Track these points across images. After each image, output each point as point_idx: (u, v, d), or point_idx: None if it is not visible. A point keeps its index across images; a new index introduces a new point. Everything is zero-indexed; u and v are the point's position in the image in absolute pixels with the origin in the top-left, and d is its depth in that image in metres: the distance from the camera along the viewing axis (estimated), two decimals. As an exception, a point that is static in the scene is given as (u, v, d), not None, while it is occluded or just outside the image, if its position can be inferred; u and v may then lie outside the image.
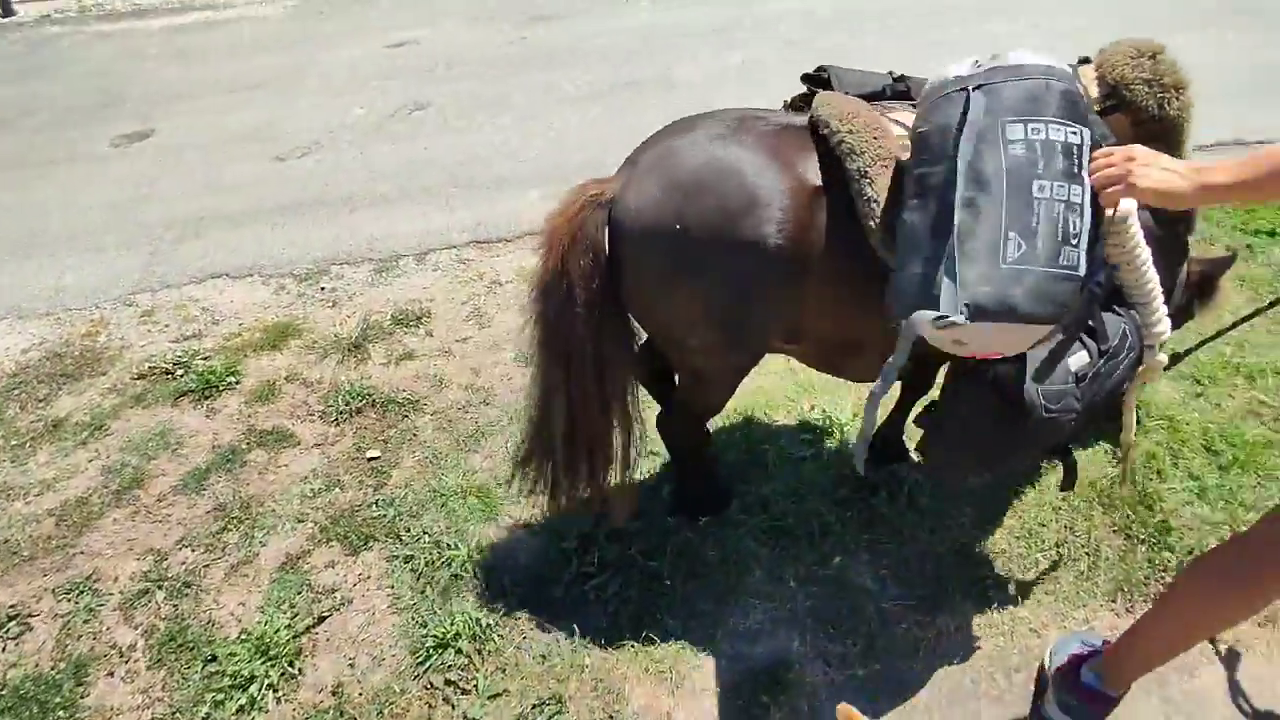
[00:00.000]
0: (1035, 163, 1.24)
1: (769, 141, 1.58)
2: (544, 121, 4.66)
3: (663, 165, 1.60)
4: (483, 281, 3.37)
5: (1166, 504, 2.17)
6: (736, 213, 1.52)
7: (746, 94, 4.84)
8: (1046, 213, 1.23)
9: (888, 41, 5.28)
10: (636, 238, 1.60)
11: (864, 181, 1.49)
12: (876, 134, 1.51)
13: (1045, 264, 1.23)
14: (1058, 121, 1.26)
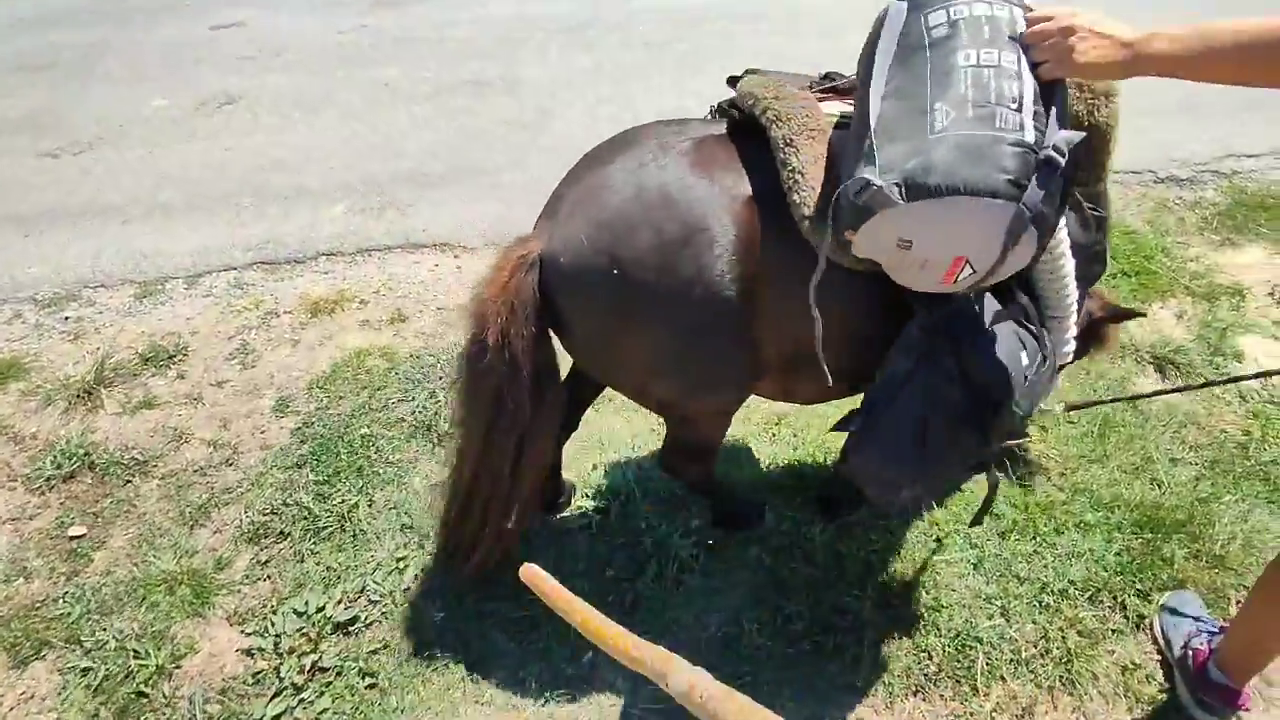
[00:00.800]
0: (957, 35, 1.15)
1: (692, 159, 1.42)
2: (368, 122, 4.26)
3: (585, 207, 1.43)
4: (258, 311, 2.99)
5: (940, 577, 2.05)
6: (674, 244, 1.37)
7: (596, 99, 4.62)
8: (974, 79, 1.12)
9: (755, 42, 5.11)
10: (572, 291, 1.46)
11: (789, 151, 1.34)
12: (803, 104, 1.39)
13: (981, 126, 1.10)
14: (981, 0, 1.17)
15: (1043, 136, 1.12)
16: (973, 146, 1.09)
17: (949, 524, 2.17)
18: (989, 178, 1.08)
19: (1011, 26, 1.16)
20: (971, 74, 1.12)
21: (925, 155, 1.09)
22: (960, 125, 1.10)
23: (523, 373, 1.52)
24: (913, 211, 1.12)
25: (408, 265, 3.24)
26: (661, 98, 4.51)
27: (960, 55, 1.13)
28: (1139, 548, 2.13)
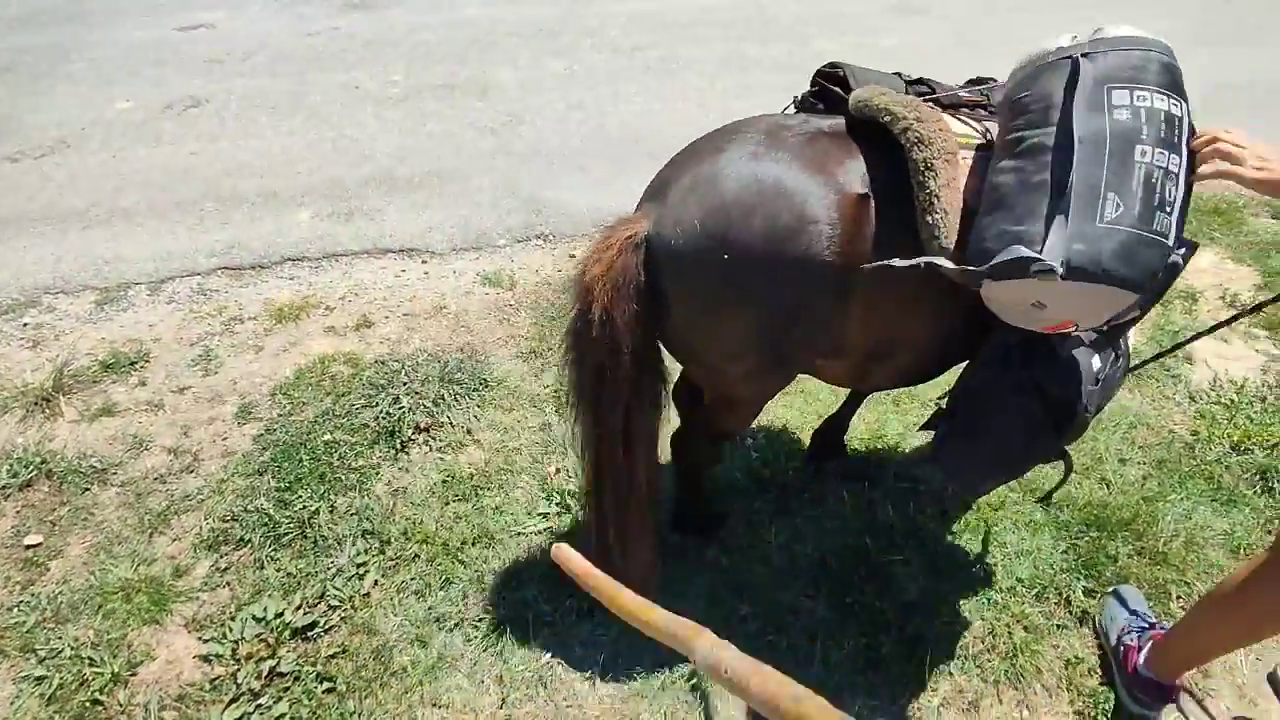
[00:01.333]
0: (1139, 128, 1.24)
1: (806, 152, 1.47)
2: (336, 126, 4.25)
3: (701, 191, 1.47)
4: (221, 318, 2.98)
5: (893, 577, 2.10)
6: (786, 234, 1.43)
7: (567, 104, 4.64)
8: (1145, 177, 1.22)
9: (726, 46, 5.16)
10: (683, 271, 1.50)
11: (928, 174, 1.39)
12: (941, 126, 1.43)
13: (1139, 226, 1.22)
14: (1160, 91, 1.27)
15: (1179, 239, 1.26)
16: (1132, 246, 1.21)
17: (901, 524, 2.22)
18: (1135, 277, 1.22)
19: (1182, 126, 1.26)
20: (1145, 171, 1.22)
21: (1093, 244, 1.21)
22: (1125, 220, 1.21)
23: (624, 349, 1.56)
24: (1062, 287, 1.23)
25: (374, 271, 3.24)
26: (633, 102, 4.54)
27: (1138, 150, 1.23)
28: (1085, 546, 2.19)
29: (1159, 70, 1.28)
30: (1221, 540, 2.22)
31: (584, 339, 1.58)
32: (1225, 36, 5.61)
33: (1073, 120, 1.25)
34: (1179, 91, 1.29)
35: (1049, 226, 1.23)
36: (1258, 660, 1.99)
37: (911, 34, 5.49)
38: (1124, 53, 1.29)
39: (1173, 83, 1.29)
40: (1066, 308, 1.30)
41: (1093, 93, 1.26)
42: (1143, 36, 1.31)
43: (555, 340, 2.87)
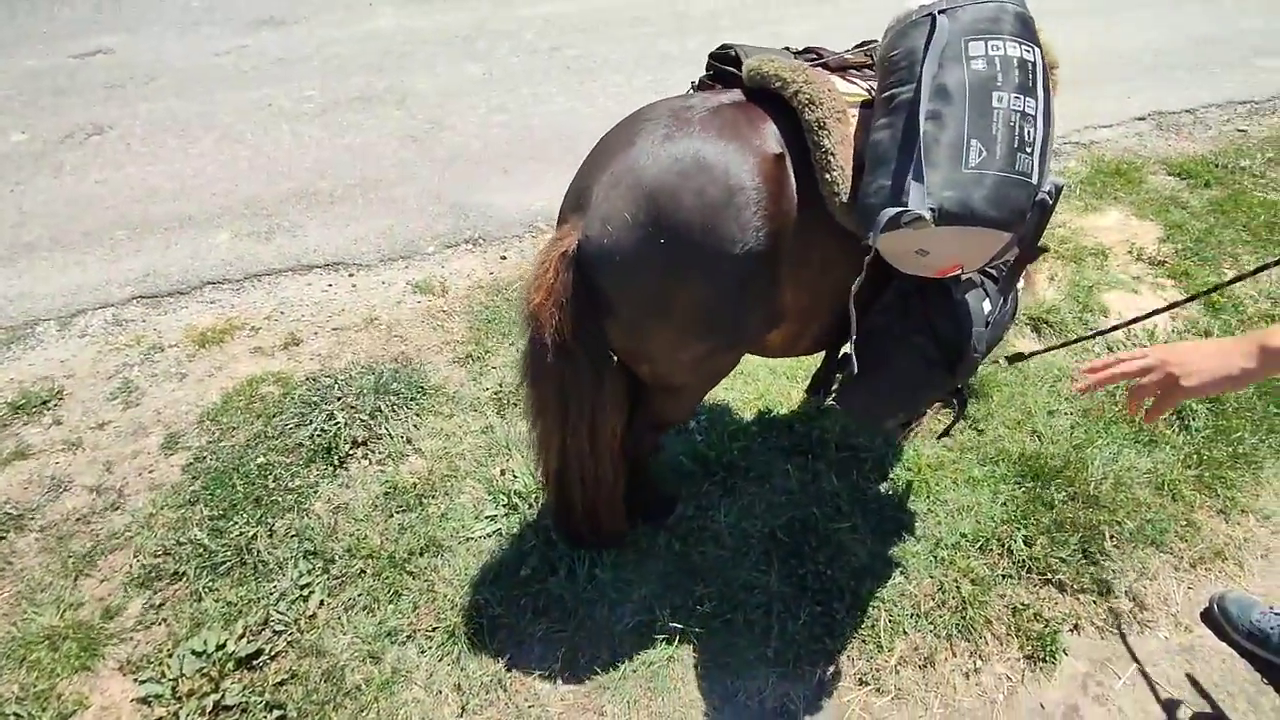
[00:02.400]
0: (995, 76, 1.31)
1: (715, 124, 1.48)
2: (251, 144, 4.12)
3: (623, 185, 1.45)
4: (139, 348, 2.85)
5: (842, 543, 2.13)
6: (717, 205, 1.42)
7: (488, 107, 4.59)
8: (1004, 121, 1.29)
9: (641, 45, 5.18)
10: (623, 269, 1.47)
11: (823, 133, 1.44)
12: (829, 87, 1.48)
13: (1003, 168, 1.29)
14: (1014, 39, 1.33)
15: (1043, 176, 1.34)
16: (998, 188, 1.29)
17: (846, 493, 2.26)
18: (1004, 217, 1.30)
19: (1036, 71, 1.33)
20: (1003, 116, 1.30)
21: (959, 190, 1.28)
22: (989, 164, 1.29)
23: (581, 365, 1.58)
24: (938, 232, 1.32)
25: (300, 287, 3.15)
26: (554, 102, 4.53)
27: (995, 97, 1.30)
28: (1022, 496, 2.27)
29: (1012, 20, 1.35)
30: (1147, 479, 2.33)
31: (542, 364, 1.58)
32: (1092, 8, 5.89)
33: (934, 73, 1.32)
34: (1032, 38, 1.36)
35: (920, 177, 1.29)
36: (1189, 590, 2.09)
37: (822, 22, 5.61)
38: (979, 5, 1.35)
39: (1025, 31, 1.36)
40: (947, 251, 1.38)
41: (951, 46, 1.33)
42: None
43: (492, 343, 2.83)
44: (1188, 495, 2.28)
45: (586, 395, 1.64)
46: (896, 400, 1.71)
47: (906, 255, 1.42)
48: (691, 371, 1.71)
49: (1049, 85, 1.38)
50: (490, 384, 2.65)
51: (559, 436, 1.72)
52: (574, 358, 1.57)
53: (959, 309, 1.56)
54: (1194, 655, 1.95)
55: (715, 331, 1.58)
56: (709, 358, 1.67)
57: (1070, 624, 1.99)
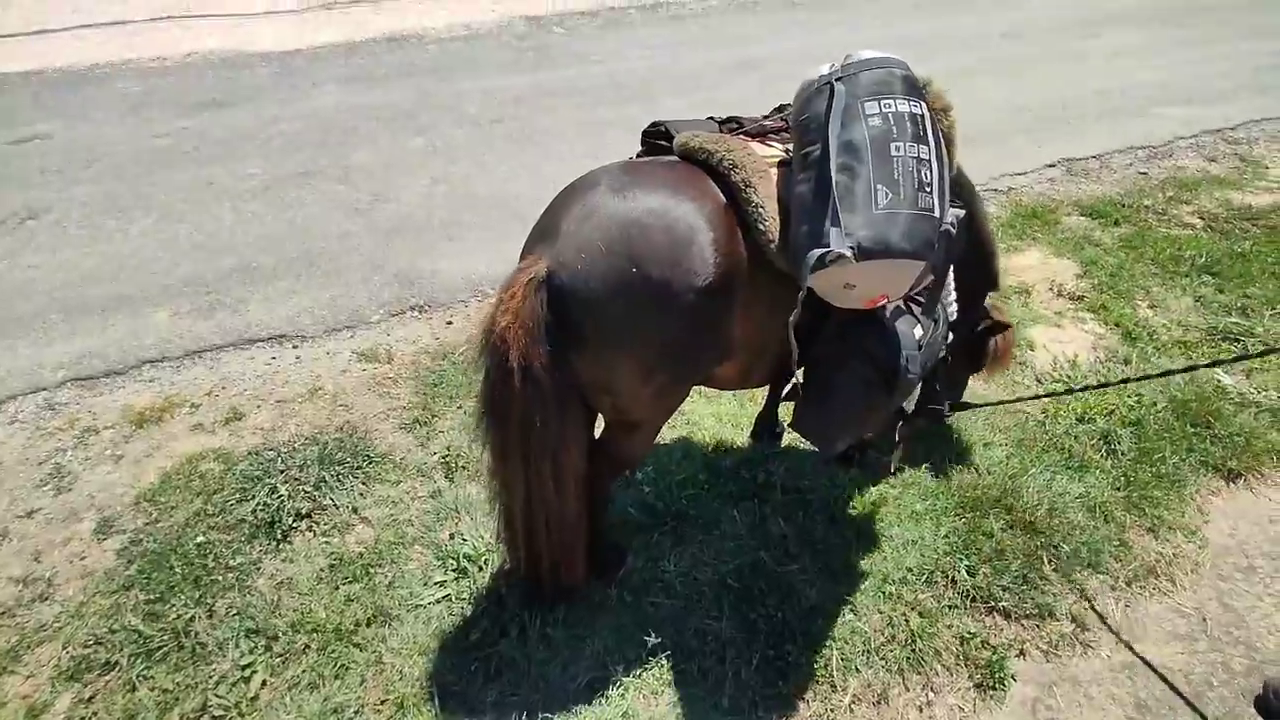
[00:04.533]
0: (890, 130, 1.53)
1: (671, 178, 1.67)
2: (191, 223, 4.11)
3: (595, 219, 1.58)
4: (73, 431, 2.77)
5: (792, 586, 2.15)
6: (683, 242, 1.58)
7: (430, 178, 4.68)
8: (903, 167, 1.51)
9: (579, 114, 5.36)
10: (594, 295, 1.56)
11: (750, 190, 1.64)
12: (747, 151, 1.70)
13: (909, 206, 1.50)
14: (903, 97, 1.56)
15: (944, 210, 1.55)
16: (907, 223, 1.49)
17: (794, 534, 2.29)
18: (915, 248, 1.50)
19: (924, 121, 1.56)
20: (902, 163, 1.51)
21: (874, 228, 1.48)
22: (897, 204, 1.50)
23: (546, 391, 1.61)
24: (858, 268, 1.50)
25: (242, 362, 3.12)
26: (497, 171, 4.64)
27: (893, 146, 1.52)
28: (963, 527, 2.33)
29: (900, 81, 1.57)
30: (1079, 503, 2.42)
31: (505, 391, 1.61)
32: (1002, 69, 6.33)
33: (838, 132, 1.53)
34: (918, 94, 1.59)
35: (837, 221, 1.48)
36: (1127, 607, 2.15)
37: (749, 88, 5.89)
38: (870, 71, 1.58)
39: (911, 89, 1.58)
40: (872, 284, 1.57)
41: (850, 108, 1.55)
42: (884, 56, 1.61)
43: (439, 407, 2.84)
44: (1119, 516, 2.38)
45: (551, 425, 1.66)
46: (845, 422, 1.84)
47: (837, 290, 1.59)
48: (650, 405, 1.80)
49: (938, 132, 1.59)
50: (437, 448, 2.65)
51: (521, 472, 1.72)
52: (538, 385, 1.59)
53: (889, 335, 1.72)
54: (1135, 672, 2.00)
55: (676, 362, 1.69)
56: (667, 390, 1.77)
57: (1016, 649, 2.04)
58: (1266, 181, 4.46)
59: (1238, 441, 2.64)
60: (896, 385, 1.73)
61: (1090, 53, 6.49)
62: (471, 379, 2.95)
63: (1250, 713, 1.91)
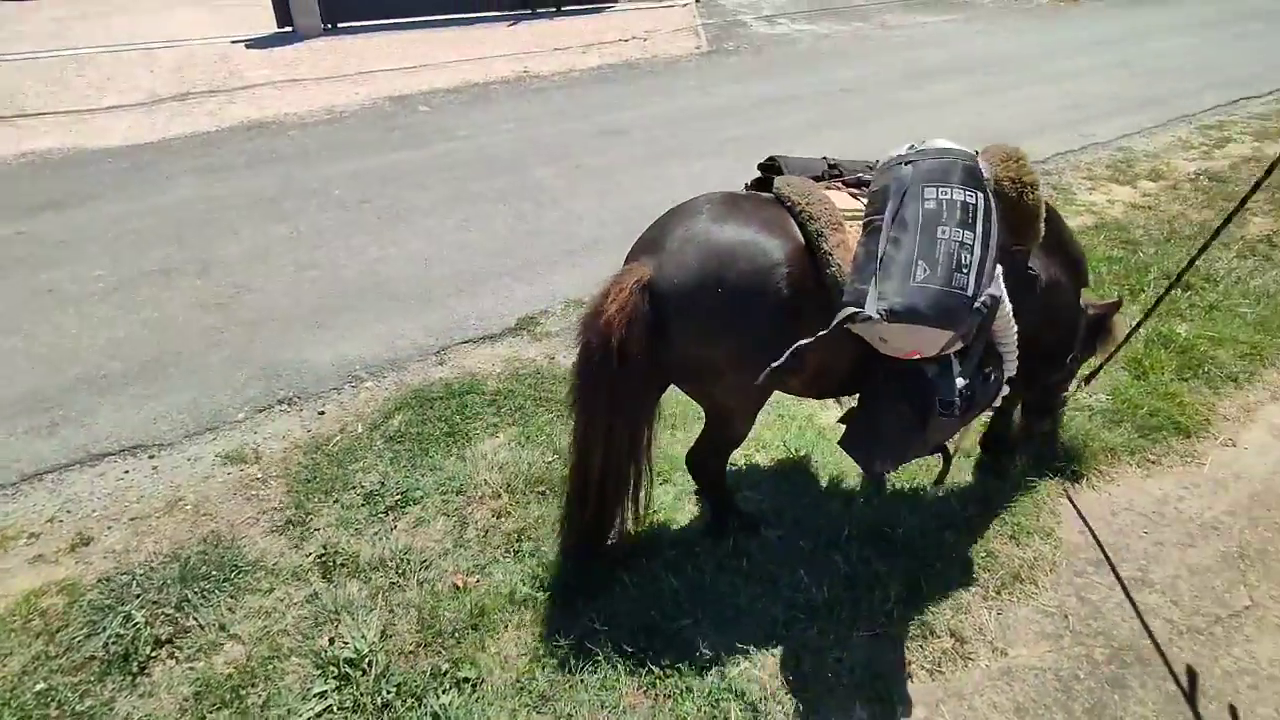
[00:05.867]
0: (940, 214, 1.80)
1: (763, 215, 2.02)
2: (29, 335, 3.81)
3: (694, 243, 1.96)
4: (-116, 582, 2.46)
5: (688, 641, 2.15)
6: (763, 272, 1.93)
7: (296, 265, 4.54)
8: (945, 249, 1.77)
9: (449, 187, 5.38)
10: (684, 305, 1.94)
11: (820, 240, 1.95)
12: (826, 205, 2.01)
13: (942, 284, 1.76)
14: (960, 187, 1.83)
15: (979, 290, 1.80)
16: (936, 298, 1.75)
17: (685, 590, 2.30)
18: (941, 318, 1.77)
19: (975, 210, 1.82)
20: (944, 245, 1.77)
21: (906, 298, 1.74)
22: (931, 280, 1.76)
23: (639, 374, 1.96)
24: (890, 329, 1.79)
25: (89, 480, 2.88)
26: (366, 252, 4.57)
27: (939, 229, 1.78)
28: (843, 561, 2.41)
29: (960, 171, 1.84)
30: (947, 520, 2.55)
31: (604, 369, 1.93)
32: (845, 120, 6.87)
33: (896, 208, 1.82)
34: (976, 185, 1.85)
35: (877, 286, 1.77)
36: (999, 615, 2.27)
37: (616, 153, 6.12)
38: (936, 160, 1.86)
39: (970, 179, 1.84)
40: (902, 342, 1.85)
41: (911, 189, 1.83)
42: (950, 147, 1.89)
43: (313, 504, 2.71)
44: (983, 529, 2.53)
45: (636, 401, 2.03)
46: (885, 449, 2.10)
47: (875, 340, 1.88)
48: (732, 397, 2.15)
49: (991, 219, 1.85)
50: (313, 548, 2.52)
51: (603, 437, 2.04)
52: (632, 366, 1.92)
53: (926, 383, 1.96)
54: (1012, 677, 2.11)
55: (750, 366, 1.94)
56: (745, 386, 2.02)
57: (905, 673, 2.10)
58: (1075, 206, 4.99)
59: (1077, 444, 2.88)
60: (929, 424, 1.98)
61: (913, 104, 7.14)
62: (355, 465, 2.86)
63: (1115, 699, 2.05)
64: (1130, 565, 2.45)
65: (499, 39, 10.13)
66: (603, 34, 10.49)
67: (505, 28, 10.75)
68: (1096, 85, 7.68)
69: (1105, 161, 5.74)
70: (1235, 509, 2.66)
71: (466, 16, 10.96)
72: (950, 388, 1.95)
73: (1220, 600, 2.33)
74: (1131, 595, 2.34)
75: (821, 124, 6.74)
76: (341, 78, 8.44)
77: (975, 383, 2.02)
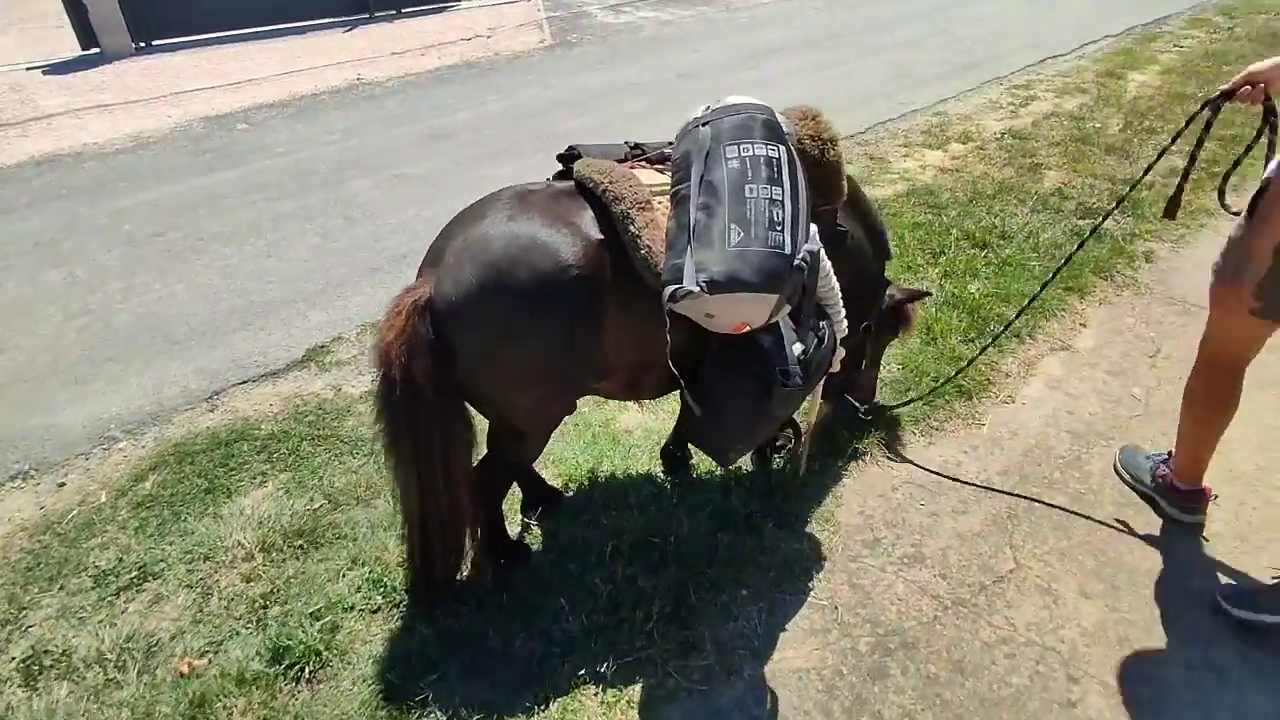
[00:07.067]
0: (745, 172, 1.70)
1: (553, 209, 1.88)
2: None
3: (471, 251, 1.80)
4: None
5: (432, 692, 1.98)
6: (547, 279, 1.78)
7: (65, 314, 3.93)
8: (755, 208, 1.68)
9: (254, 213, 5.00)
10: (465, 323, 1.79)
11: (627, 221, 1.82)
12: (631, 182, 1.87)
13: (758, 245, 1.66)
14: (761, 141, 1.73)
15: (797, 247, 1.71)
16: (755, 260, 1.64)
17: (438, 643, 2.12)
18: (762, 281, 1.65)
19: (781, 164, 1.73)
20: (753, 203, 1.68)
21: (725, 265, 1.63)
22: (746, 243, 1.65)
23: (428, 400, 1.80)
24: (713, 300, 1.66)
25: None
26: (149, 291, 4.18)
27: (748, 188, 1.68)
28: (608, 577, 2.27)
29: (760, 126, 1.75)
30: (725, 519, 2.46)
31: (390, 399, 1.80)
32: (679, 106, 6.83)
33: (700, 172, 1.71)
34: (778, 138, 1.76)
35: (693, 256, 1.65)
36: (768, 615, 2.19)
37: (440, 158, 5.86)
38: (733, 116, 1.75)
39: (770, 134, 1.75)
40: (729, 314, 1.73)
41: (712, 150, 1.72)
42: (748, 102, 1.79)
43: (32, 595, 2.38)
44: (760, 524, 2.45)
45: (435, 428, 1.86)
46: (734, 434, 2.02)
47: (701, 318, 1.76)
48: (529, 416, 2.03)
49: (796, 173, 1.78)
50: (20, 650, 2.20)
51: (414, 474, 1.90)
52: (420, 396, 1.78)
53: (764, 353, 1.88)
54: (777, 683, 2.02)
55: (545, 380, 1.89)
56: (543, 403, 1.99)
57: (665, 696, 1.99)
58: (890, 175, 5.07)
59: (865, 419, 2.86)
60: (774, 397, 1.89)
61: (748, 84, 7.14)
62: (90, 541, 2.55)
63: (875, 692, 1.99)
64: (905, 542, 2.42)
65: (334, 46, 9.62)
66: (444, 34, 10.12)
67: (341, 34, 10.24)
68: (921, 54, 7.90)
69: (922, 128, 5.87)
70: (1009, 468, 2.69)
71: (298, 25, 10.37)
72: (787, 356, 1.89)
73: (986, 567, 2.33)
74: (902, 574, 2.31)
75: (659, 110, 6.65)
76: (154, 100, 7.81)
77: (811, 347, 1.94)
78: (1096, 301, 3.62)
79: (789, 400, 2.00)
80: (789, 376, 1.89)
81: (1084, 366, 3.19)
